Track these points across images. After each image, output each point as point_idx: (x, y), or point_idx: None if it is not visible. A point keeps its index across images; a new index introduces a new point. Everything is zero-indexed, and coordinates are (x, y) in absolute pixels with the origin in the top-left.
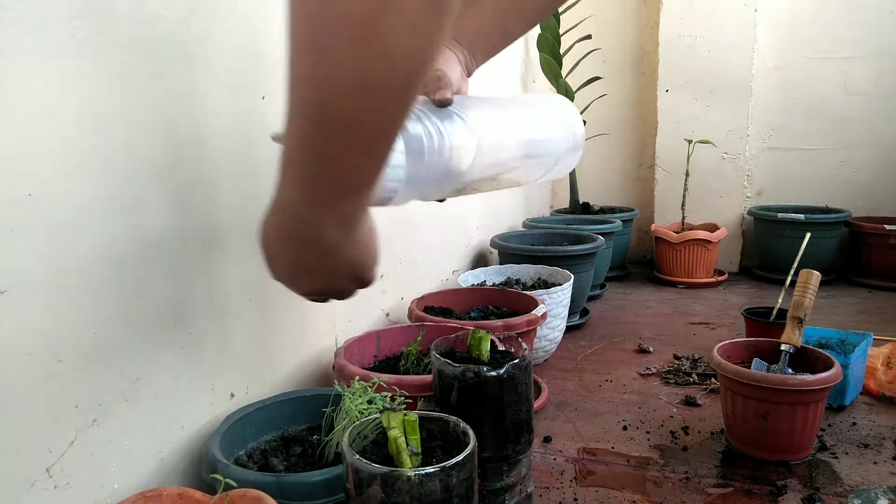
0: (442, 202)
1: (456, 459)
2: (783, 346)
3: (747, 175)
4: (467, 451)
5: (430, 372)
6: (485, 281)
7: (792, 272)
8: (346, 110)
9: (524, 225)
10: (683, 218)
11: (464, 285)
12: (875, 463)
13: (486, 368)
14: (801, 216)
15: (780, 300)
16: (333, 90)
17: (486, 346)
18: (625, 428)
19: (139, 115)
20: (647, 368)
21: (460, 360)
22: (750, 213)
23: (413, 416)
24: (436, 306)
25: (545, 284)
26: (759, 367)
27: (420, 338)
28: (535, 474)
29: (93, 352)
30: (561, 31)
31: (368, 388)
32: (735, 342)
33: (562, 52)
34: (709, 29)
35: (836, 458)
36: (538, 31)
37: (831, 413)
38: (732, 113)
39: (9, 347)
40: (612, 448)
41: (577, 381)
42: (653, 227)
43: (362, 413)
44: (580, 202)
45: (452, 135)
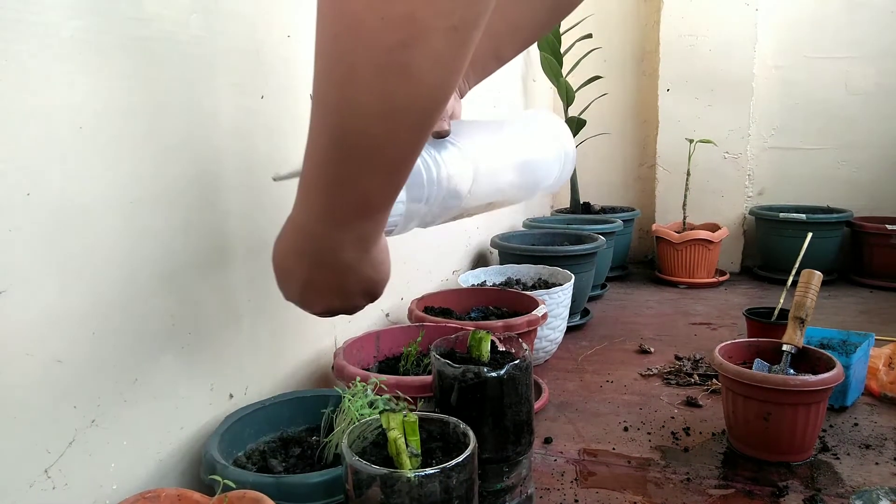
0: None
1: (456, 461)
2: (785, 347)
3: (748, 175)
4: (467, 452)
5: (429, 373)
6: (485, 281)
7: (793, 272)
8: (369, 136)
9: (524, 225)
10: (685, 218)
11: (464, 285)
12: (877, 464)
13: (486, 369)
14: (803, 216)
15: (781, 300)
16: (358, 116)
17: (487, 347)
18: (626, 429)
19: (139, 114)
20: (649, 369)
21: (460, 361)
22: (751, 212)
23: (413, 417)
24: (436, 307)
25: (546, 284)
26: (760, 367)
27: (420, 338)
28: (535, 475)
29: (92, 352)
30: (561, 30)
31: (369, 389)
32: (736, 342)
33: (562, 50)
34: (710, 28)
35: (838, 458)
36: None
37: (833, 414)
38: (734, 112)
39: (8, 347)
40: (613, 449)
41: (577, 381)
42: (654, 226)
43: (362, 414)
44: (581, 202)
45: (450, 165)
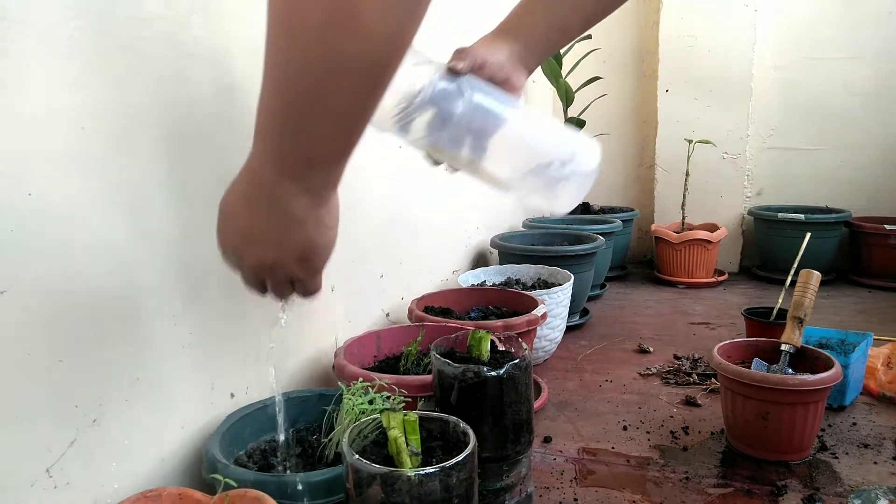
0: (437, 165)
1: (456, 459)
2: (783, 347)
3: (747, 175)
4: (467, 451)
5: (430, 372)
6: (485, 281)
7: (792, 272)
8: (316, 84)
9: (524, 225)
10: (683, 218)
11: (464, 285)
12: (875, 463)
13: (486, 368)
14: (802, 216)
15: (780, 300)
16: (305, 62)
17: (486, 347)
18: (625, 428)
19: (138, 114)
20: (648, 368)
21: (460, 361)
22: (750, 213)
23: (413, 416)
24: (436, 306)
25: (545, 284)
26: (759, 367)
27: (420, 338)
28: (535, 474)
29: (93, 352)
30: None
31: (369, 388)
32: (735, 342)
33: (562, 51)
34: (709, 29)
35: (837, 458)
36: None
37: (831, 413)
38: (732, 113)
39: (9, 347)
40: (613, 448)
41: (577, 381)
42: (653, 226)
43: (363, 413)
44: (580, 202)
45: (441, 94)
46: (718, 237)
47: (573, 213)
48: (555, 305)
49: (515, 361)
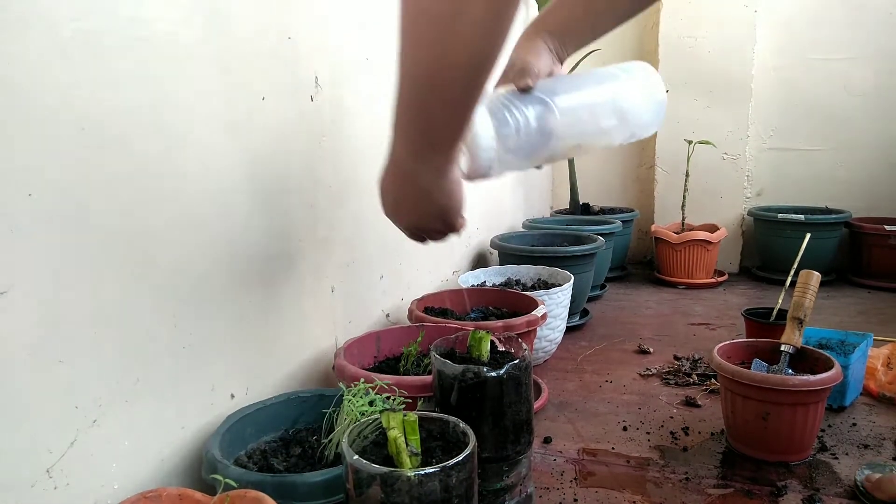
0: (539, 168)
1: (456, 460)
2: (783, 347)
3: (747, 175)
4: (467, 451)
5: (429, 372)
6: (485, 281)
7: (792, 273)
8: (434, 82)
9: (524, 226)
10: (683, 218)
11: (464, 286)
12: None
13: (486, 369)
14: (801, 217)
15: (780, 301)
16: (424, 67)
17: (486, 347)
18: (625, 428)
19: (138, 114)
20: (647, 369)
21: (460, 361)
22: (750, 213)
23: (413, 416)
24: (436, 307)
25: (545, 285)
26: (759, 367)
27: (420, 338)
28: (535, 475)
29: (93, 352)
30: None
31: (370, 388)
32: (735, 343)
33: None
34: (709, 29)
35: (837, 458)
36: None
37: (831, 414)
38: (732, 113)
39: (9, 347)
40: (613, 449)
41: (577, 381)
42: (653, 227)
43: (363, 414)
44: (580, 203)
45: (538, 118)
46: (718, 238)
47: (573, 214)
48: (555, 306)
49: (515, 362)
